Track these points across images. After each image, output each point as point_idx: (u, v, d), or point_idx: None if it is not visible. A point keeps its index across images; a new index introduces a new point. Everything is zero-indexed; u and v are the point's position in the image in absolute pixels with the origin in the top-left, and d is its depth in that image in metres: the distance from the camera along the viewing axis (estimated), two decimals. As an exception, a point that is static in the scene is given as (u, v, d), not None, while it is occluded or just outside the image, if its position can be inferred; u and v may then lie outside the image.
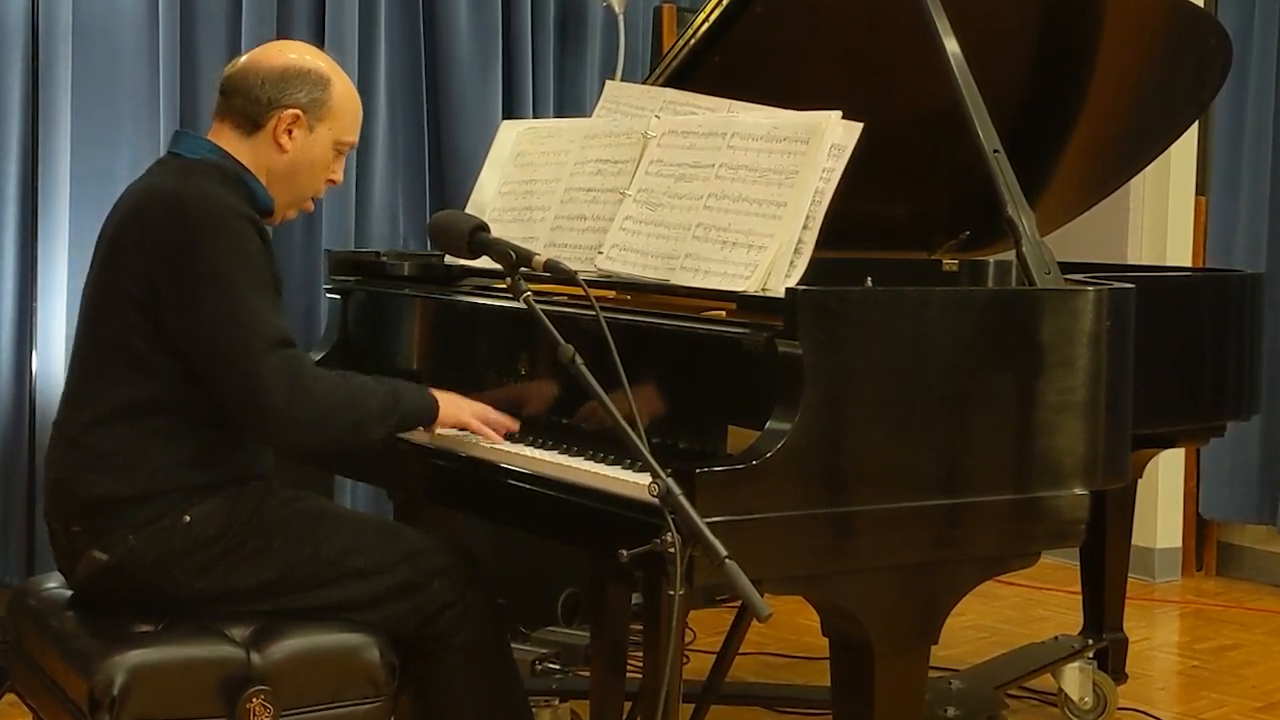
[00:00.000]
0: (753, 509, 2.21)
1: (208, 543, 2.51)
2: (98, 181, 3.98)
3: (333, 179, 2.71)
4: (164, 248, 2.46)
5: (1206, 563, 5.50)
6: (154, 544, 2.49)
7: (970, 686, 3.59)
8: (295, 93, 2.61)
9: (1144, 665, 4.34)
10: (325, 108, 2.64)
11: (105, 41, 4.04)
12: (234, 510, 2.53)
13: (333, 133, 2.66)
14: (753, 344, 2.36)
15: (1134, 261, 5.18)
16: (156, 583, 2.51)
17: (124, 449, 2.50)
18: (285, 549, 2.55)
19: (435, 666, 2.62)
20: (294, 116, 2.61)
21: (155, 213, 2.50)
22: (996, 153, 2.69)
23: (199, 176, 2.55)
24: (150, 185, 2.58)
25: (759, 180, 2.57)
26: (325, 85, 2.64)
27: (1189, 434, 3.69)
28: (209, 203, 2.49)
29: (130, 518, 2.49)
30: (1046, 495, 2.49)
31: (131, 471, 2.49)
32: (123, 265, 2.51)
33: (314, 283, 4.30)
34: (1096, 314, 2.55)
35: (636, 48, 4.98)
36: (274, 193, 2.65)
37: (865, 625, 2.37)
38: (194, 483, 2.51)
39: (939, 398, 2.40)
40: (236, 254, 2.46)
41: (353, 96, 2.70)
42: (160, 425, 2.50)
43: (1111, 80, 3.56)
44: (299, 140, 2.63)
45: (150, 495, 2.49)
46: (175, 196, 2.50)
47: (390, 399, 2.58)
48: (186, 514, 2.50)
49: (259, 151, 2.63)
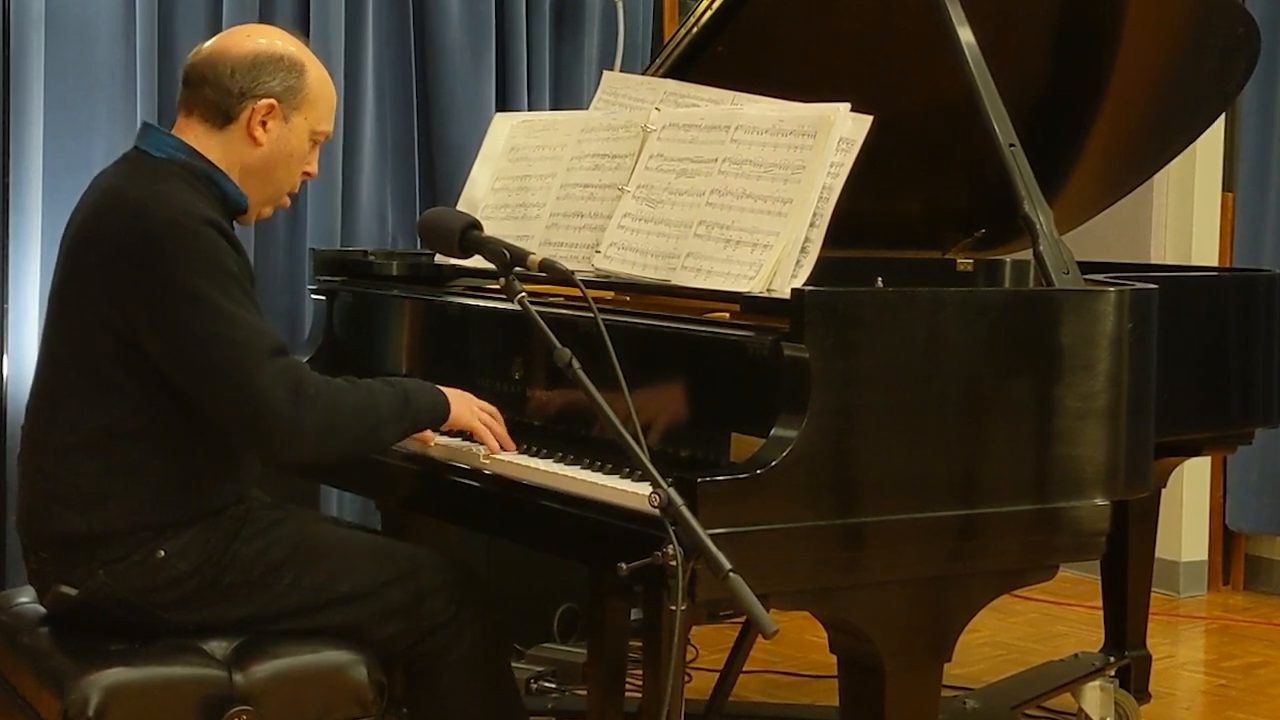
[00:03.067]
0: (758, 520, 2.21)
1: (182, 578, 2.49)
2: (72, 175, 3.98)
3: (308, 171, 2.66)
4: (133, 269, 2.41)
5: (1233, 576, 5.49)
6: (125, 580, 2.47)
7: (985, 706, 3.58)
8: (269, 81, 2.55)
9: (1168, 684, 4.34)
10: (300, 96, 2.58)
11: (79, 30, 4.04)
12: (209, 542, 2.50)
13: (309, 122, 2.61)
14: (757, 347, 2.36)
15: (1157, 261, 5.18)
16: (127, 619, 2.49)
17: (89, 483, 2.46)
18: (265, 580, 2.53)
19: (430, 686, 2.62)
20: (268, 107, 2.55)
21: (118, 225, 2.44)
22: (1013, 147, 2.70)
23: (165, 181, 2.49)
24: (113, 189, 2.52)
25: (764, 175, 2.57)
26: (300, 72, 2.58)
27: (1215, 442, 3.69)
28: (175, 213, 2.42)
29: (100, 554, 2.47)
30: (1065, 506, 2.49)
31: (99, 508, 2.46)
32: (89, 282, 2.46)
33: (298, 283, 4.30)
34: (1118, 316, 2.55)
35: (636, 36, 4.98)
36: (248, 190, 2.59)
37: (875, 642, 2.37)
38: (166, 520, 2.48)
39: (953, 404, 2.40)
40: (211, 267, 2.41)
41: (328, 83, 2.65)
42: (130, 456, 2.46)
43: (1133, 70, 3.56)
44: (274, 132, 2.57)
45: (119, 533, 2.46)
46: (139, 207, 2.44)
47: (400, 400, 2.55)
48: (160, 549, 2.47)
49: (231, 146, 2.57)
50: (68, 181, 3.97)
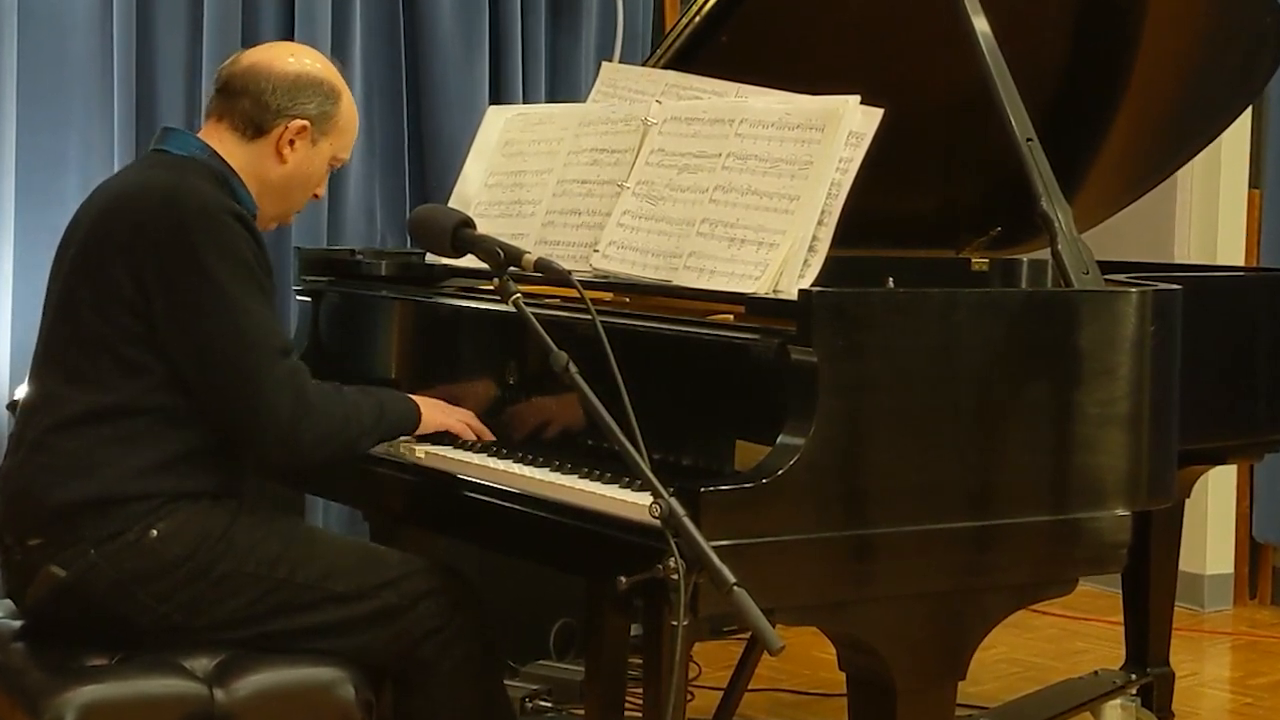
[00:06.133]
0: (763, 531, 2.21)
1: (174, 564, 2.52)
2: (46, 172, 3.99)
3: (317, 194, 2.82)
4: (159, 248, 2.53)
5: (1260, 590, 5.49)
6: (116, 562, 2.50)
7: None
8: (306, 103, 2.70)
9: (1192, 702, 4.34)
10: (332, 122, 2.74)
11: (54, 21, 4.05)
12: (204, 528, 2.55)
13: (333, 149, 2.77)
14: (763, 350, 2.36)
15: (1181, 260, 5.18)
16: (115, 608, 2.52)
17: (90, 449, 2.53)
18: (258, 573, 2.56)
19: (421, 697, 2.64)
20: (301, 127, 2.70)
21: (148, 208, 2.56)
22: (1030, 141, 2.70)
23: (191, 174, 2.62)
24: (140, 180, 2.65)
25: (770, 171, 2.57)
26: (336, 99, 2.74)
27: (1241, 450, 3.69)
28: (204, 201, 2.56)
29: (91, 529, 2.51)
30: (1085, 517, 2.50)
31: (94, 473, 2.52)
32: (108, 263, 2.55)
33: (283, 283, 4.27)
34: (1140, 318, 2.55)
35: (636, 26, 4.99)
36: (262, 203, 2.73)
37: (886, 659, 2.38)
38: (161, 490, 2.53)
39: (967, 410, 2.40)
40: (234, 258, 2.54)
41: (355, 114, 2.82)
42: (133, 428, 2.54)
43: (1156, 62, 3.56)
44: (300, 152, 2.72)
45: (114, 500, 2.51)
46: (170, 193, 2.57)
47: (378, 409, 2.68)
48: (153, 528, 2.52)
49: (257, 159, 2.71)
50: (41, 178, 3.98)
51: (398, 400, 2.73)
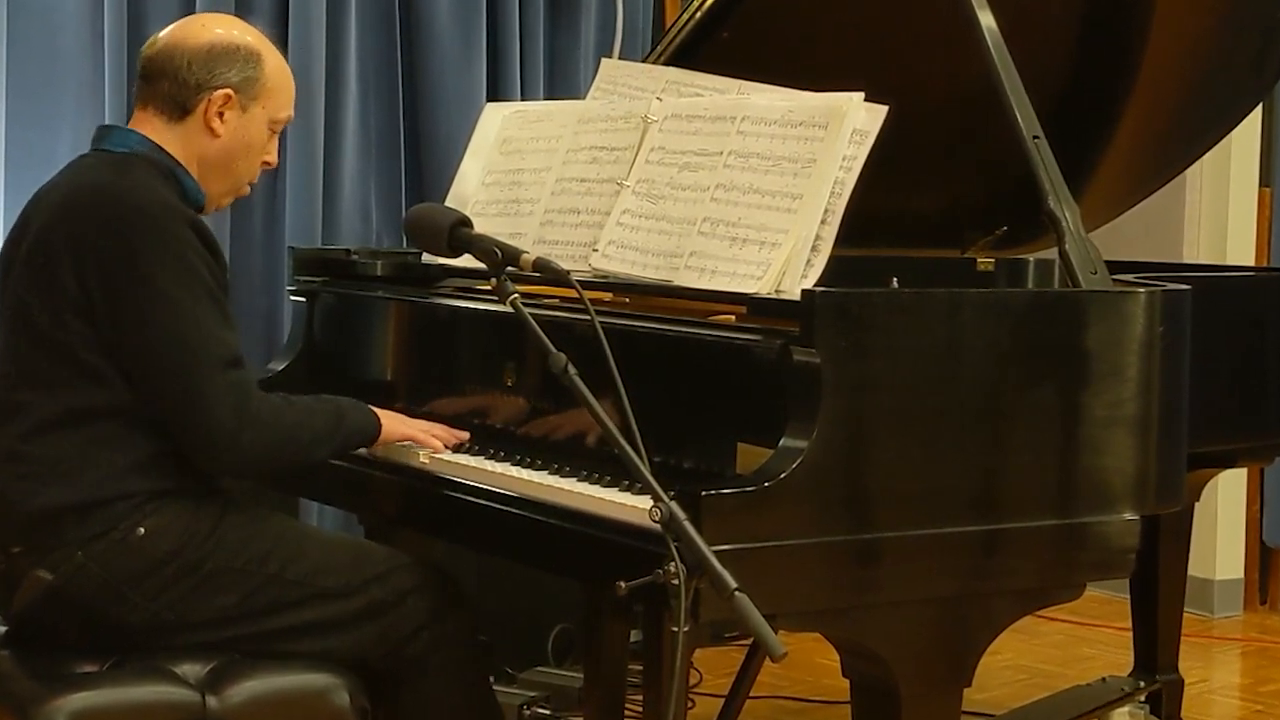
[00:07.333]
0: (766, 536, 2.21)
1: (163, 561, 2.52)
2: (35, 168, 3.97)
3: (268, 161, 2.77)
4: (99, 254, 2.51)
5: (1271, 596, 5.50)
6: (104, 562, 2.51)
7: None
8: (225, 71, 2.66)
9: (1201, 710, 4.34)
10: (258, 85, 2.69)
11: (43, 15, 4.05)
12: (192, 525, 2.56)
13: (267, 111, 2.71)
14: (765, 352, 2.36)
15: (1190, 260, 5.19)
16: (106, 609, 2.52)
17: (67, 455, 2.53)
18: (247, 570, 2.57)
19: (410, 695, 2.65)
20: (225, 97, 2.66)
21: (87, 212, 2.54)
22: (1036, 139, 2.70)
23: (134, 172, 2.59)
24: (80, 181, 2.62)
25: (772, 170, 2.57)
26: (257, 61, 2.69)
27: (1252, 452, 3.69)
28: (147, 202, 2.54)
29: (76, 532, 2.51)
30: (1093, 521, 2.50)
31: (76, 477, 2.52)
32: (56, 268, 2.53)
33: (276, 284, 4.30)
34: (1148, 318, 2.55)
35: (636, 22, 4.99)
36: (207, 183, 2.69)
37: (891, 665, 2.38)
38: (145, 489, 2.53)
39: (973, 412, 2.40)
40: (179, 263, 2.51)
41: (285, 70, 2.75)
42: (108, 430, 2.53)
43: (1165, 58, 3.56)
44: (232, 122, 2.67)
45: (97, 503, 2.51)
46: (110, 195, 2.55)
47: (335, 418, 2.68)
48: (140, 526, 2.52)
49: (189, 139, 2.67)
50: (30, 175, 3.97)
51: (356, 410, 2.72)
